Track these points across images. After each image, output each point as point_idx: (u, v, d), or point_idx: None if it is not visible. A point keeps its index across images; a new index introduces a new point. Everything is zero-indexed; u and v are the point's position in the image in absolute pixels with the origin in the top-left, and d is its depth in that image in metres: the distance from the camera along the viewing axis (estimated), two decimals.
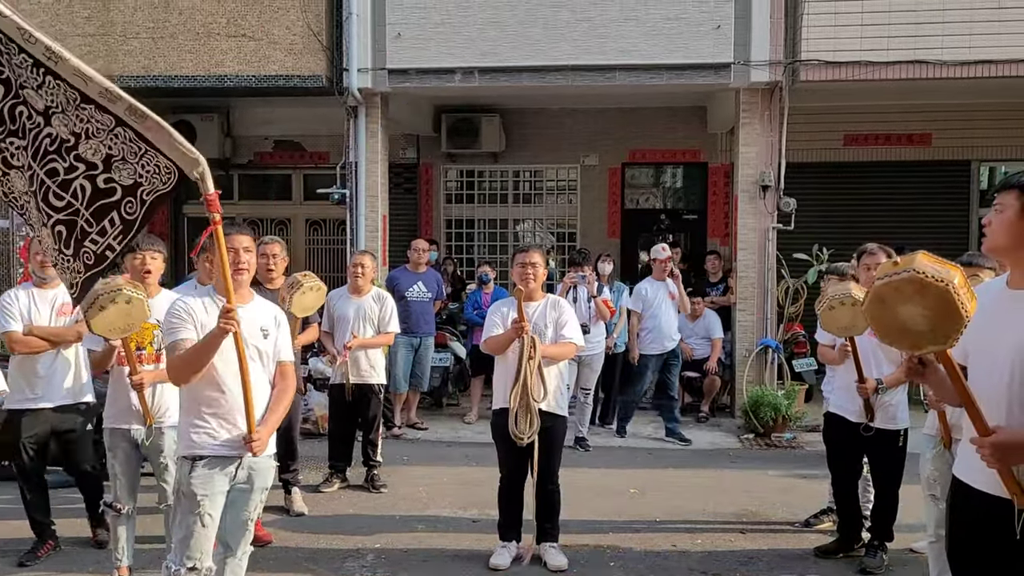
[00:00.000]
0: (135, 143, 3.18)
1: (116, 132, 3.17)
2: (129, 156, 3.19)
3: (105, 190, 3.22)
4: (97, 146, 3.17)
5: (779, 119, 8.78)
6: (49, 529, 5.02)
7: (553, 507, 4.94)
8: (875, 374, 4.77)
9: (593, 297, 7.57)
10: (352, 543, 5.28)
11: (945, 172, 10.82)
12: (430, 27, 8.82)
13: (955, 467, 2.72)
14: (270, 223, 11.98)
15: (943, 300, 2.31)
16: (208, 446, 3.42)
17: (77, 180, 3.19)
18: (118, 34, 8.91)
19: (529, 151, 11.65)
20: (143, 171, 3.21)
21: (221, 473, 3.43)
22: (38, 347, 4.74)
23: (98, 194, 3.22)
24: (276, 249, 5.90)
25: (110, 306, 3.85)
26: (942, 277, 2.31)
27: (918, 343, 2.42)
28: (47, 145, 3.15)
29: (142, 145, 3.18)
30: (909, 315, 2.37)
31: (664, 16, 8.59)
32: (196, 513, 3.37)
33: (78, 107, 3.13)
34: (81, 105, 3.13)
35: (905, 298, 2.36)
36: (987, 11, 8.11)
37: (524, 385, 4.66)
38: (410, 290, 8.29)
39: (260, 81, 8.93)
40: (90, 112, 3.14)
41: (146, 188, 3.24)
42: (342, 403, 6.39)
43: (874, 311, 2.45)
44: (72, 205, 3.21)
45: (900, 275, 2.35)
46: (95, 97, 3.12)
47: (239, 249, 3.51)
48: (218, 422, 3.44)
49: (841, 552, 5.09)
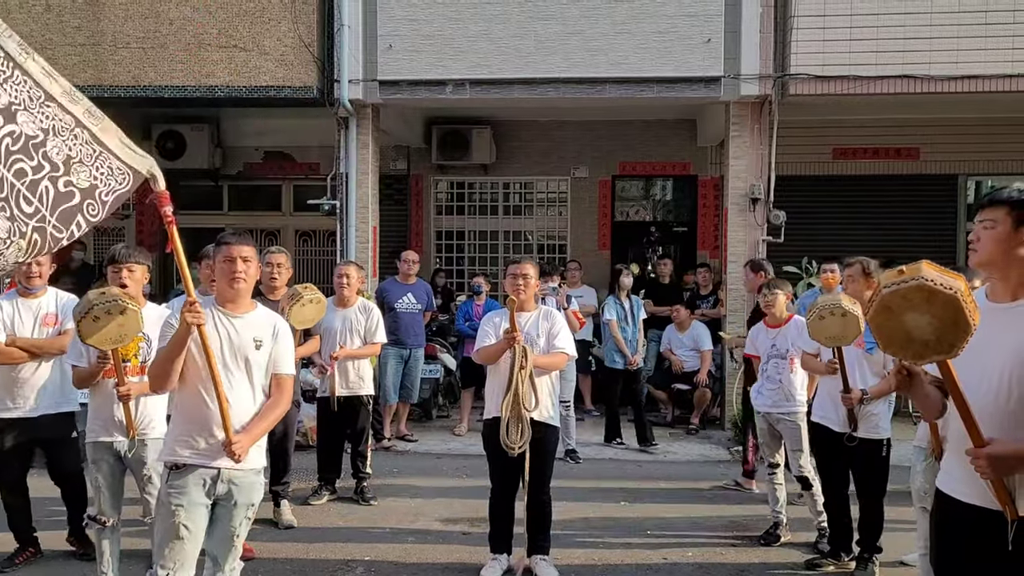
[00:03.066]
0: (91, 144, 3.20)
1: (75, 133, 3.18)
2: (86, 158, 3.21)
3: (65, 193, 3.19)
4: (60, 145, 3.16)
5: (769, 132, 8.83)
6: (31, 536, 4.97)
7: (544, 519, 4.92)
8: (860, 385, 4.81)
9: (564, 308, 7.55)
10: (342, 555, 5.24)
11: (933, 186, 10.89)
12: (421, 39, 8.84)
13: (939, 481, 2.72)
14: (260, 234, 11.94)
15: (951, 308, 2.30)
16: (184, 454, 3.43)
17: (43, 181, 3.14)
18: (108, 44, 8.88)
19: (520, 163, 11.68)
20: (98, 173, 3.22)
21: (196, 483, 3.40)
22: (19, 358, 4.71)
23: (60, 198, 3.18)
24: (281, 259, 5.89)
25: (104, 317, 3.82)
26: (950, 285, 2.30)
27: (922, 352, 2.39)
28: (9, 144, 3.07)
29: (97, 147, 3.21)
30: (915, 324, 2.35)
31: (655, 30, 8.64)
32: (172, 523, 3.37)
33: (42, 105, 3.12)
34: (45, 103, 3.13)
35: (912, 306, 2.34)
36: (974, 27, 8.19)
37: (516, 395, 4.67)
38: (399, 301, 8.27)
39: (251, 92, 8.92)
40: (54, 111, 3.14)
41: (103, 189, 3.25)
42: (330, 415, 6.36)
43: (879, 320, 2.41)
44: (39, 211, 3.15)
45: (908, 283, 2.33)
46: (58, 97, 3.13)
47: (237, 258, 3.49)
48: (197, 430, 3.43)
49: (832, 564, 5.09)
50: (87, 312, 3.81)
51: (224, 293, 3.55)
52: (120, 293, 3.93)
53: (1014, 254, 2.53)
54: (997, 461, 2.38)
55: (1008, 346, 2.46)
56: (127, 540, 4.63)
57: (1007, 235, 2.53)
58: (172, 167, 11.21)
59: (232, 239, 3.54)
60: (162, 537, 3.41)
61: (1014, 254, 2.53)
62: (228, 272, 3.48)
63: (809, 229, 10.14)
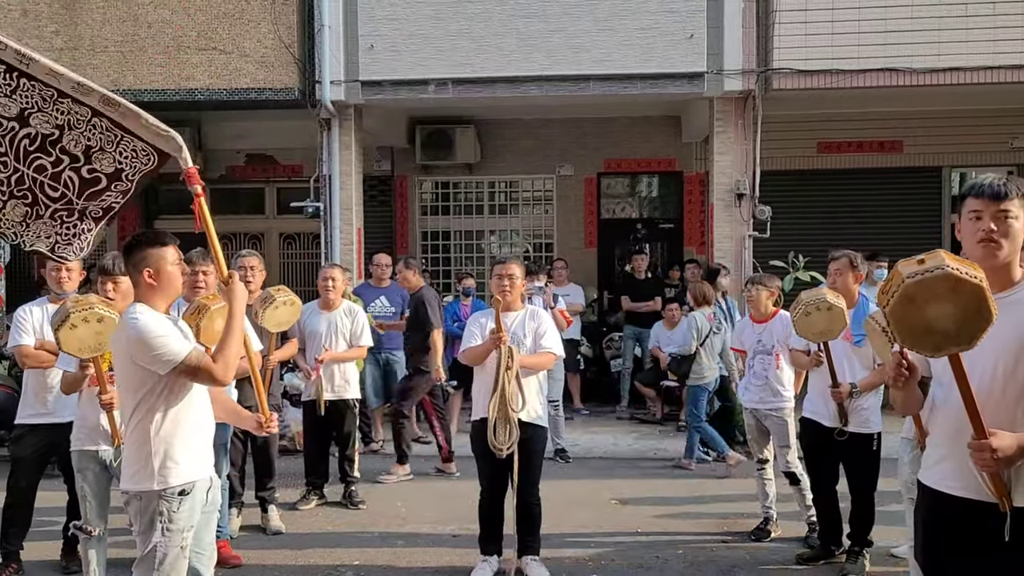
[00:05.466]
0: (111, 131, 3.26)
1: (93, 123, 3.24)
2: (107, 145, 3.28)
3: (90, 179, 3.30)
4: (78, 137, 3.24)
5: (753, 127, 8.83)
6: (16, 554, 4.90)
7: (534, 520, 4.89)
8: (848, 378, 4.80)
9: (550, 308, 7.51)
10: (331, 560, 5.20)
11: (917, 178, 10.94)
12: (403, 39, 8.80)
13: (922, 475, 2.69)
14: (243, 237, 11.86)
15: (976, 298, 2.24)
16: (195, 473, 3.25)
17: (65, 172, 3.28)
18: (86, 48, 8.80)
19: (504, 162, 11.64)
20: (121, 157, 3.30)
21: (201, 498, 3.31)
22: (48, 361, 4.72)
23: (86, 184, 3.30)
24: (254, 262, 5.83)
25: (81, 324, 3.81)
26: (975, 274, 2.25)
27: (941, 345, 2.32)
28: (27, 145, 3.22)
29: (118, 132, 3.27)
30: (937, 315, 2.27)
31: (637, 26, 8.63)
32: (181, 548, 3.20)
33: (55, 102, 3.20)
34: (58, 100, 3.19)
35: (936, 296, 2.26)
36: (954, 19, 8.23)
37: (502, 395, 4.64)
38: (372, 305, 8.06)
39: (232, 95, 8.85)
40: (68, 105, 3.21)
41: (128, 171, 3.33)
42: (317, 419, 6.31)
43: (900, 312, 2.32)
44: (66, 195, 3.31)
45: (933, 272, 2.25)
46: (69, 92, 3.19)
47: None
48: (204, 441, 3.32)
49: (822, 559, 5.09)
50: (64, 320, 3.79)
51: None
52: (97, 301, 3.91)
53: None
54: (1000, 453, 2.35)
55: (1001, 336, 2.43)
56: (113, 550, 4.57)
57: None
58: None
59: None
60: (164, 564, 3.17)
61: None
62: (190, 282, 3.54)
63: (795, 223, 10.16)
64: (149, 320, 3.14)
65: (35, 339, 4.80)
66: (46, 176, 3.27)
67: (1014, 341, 2.45)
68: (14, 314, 4.91)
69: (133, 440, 3.20)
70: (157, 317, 3.20)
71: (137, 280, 3.27)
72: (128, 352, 3.16)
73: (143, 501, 3.17)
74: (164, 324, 3.18)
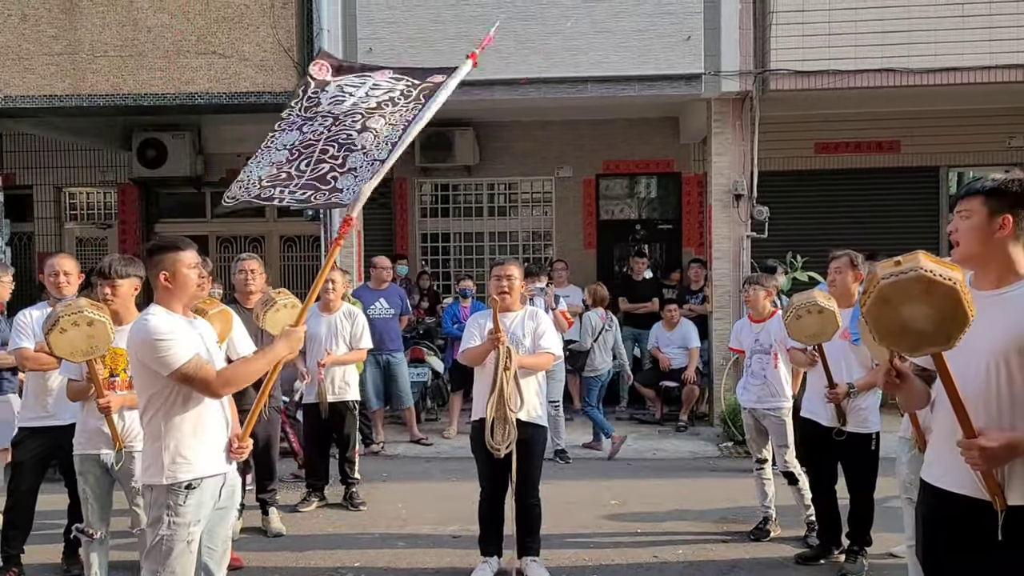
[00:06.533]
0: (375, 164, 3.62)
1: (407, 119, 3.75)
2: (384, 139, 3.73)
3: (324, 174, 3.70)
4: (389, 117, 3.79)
5: (750, 128, 8.85)
6: (17, 557, 4.92)
7: (533, 521, 4.90)
8: (846, 378, 4.81)
9: (552, 309, 7.54)
10: (332, 562, 5.22)
11: (915, 178, 10.96)
12: (400, 42, 8.81)
13: (924, 472, 2.71)
14: (244, 240, 11.89)
15: (951, 299, 2.28)
16: (205, 469, 3.28)
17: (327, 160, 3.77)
18: (86, 52, 8.82)
19: (503, 164, 11.66)
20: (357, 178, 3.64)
21: (213, 494, 3.33)
22: (48, 363, 4.71)
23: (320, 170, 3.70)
24: (254, 265, 5.84)
25: (71, 328, 3.81)
26: (949, 276, 2.28)
27: (918, 345, 2.37)
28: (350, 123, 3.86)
29: (377, 167, 3.60)
30: (912, 315, 2.31)
31: (635, 28, 8.65)
32: (187, 543, 3.23)
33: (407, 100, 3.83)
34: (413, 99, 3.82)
35: (911, 297, 2.30)
36: (951, 19, 8.25)
37: (501, 395, 4.65)
38: (372, 307, 8.11)
39: (231, 98, 8.87)
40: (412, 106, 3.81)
41: (344, 192, 3.62)
42: (318, 421, 6.33)
43: (876, 312, 2.36)
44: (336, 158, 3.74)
45: (907, 274, 2.29)
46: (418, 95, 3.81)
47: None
48: (214, 441, 3.33)
49: (822, 558, 5.11)
50: (54, 324, 3.78)
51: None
52: (87, 304, 3.89)
53: (992, 242, 2.54)
54: (989, 452, 2.38)
55: (992, 334, 2.46)
56: (115, 553, 4.60)
57: (983, 224, 2.54)
58: (153, 175, 11.16)
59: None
60: (171, 557, 3.21)
61: (992, 242, 2.54)
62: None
63: (793, 224, 10.19)
64: (159, 322, 3.20)
65: (35, 342, 4.79)
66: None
67: (1004, 340, 2.47)
68: (14, 318, 4.93)
69: (147, 436, 3.31)
70: (169, 319, 3.25)
71: (155, 282, 3.34)
72: (136, 351, 3.23)
73: (153, 493, 3.26)
74: (174, 326, 3.22)
